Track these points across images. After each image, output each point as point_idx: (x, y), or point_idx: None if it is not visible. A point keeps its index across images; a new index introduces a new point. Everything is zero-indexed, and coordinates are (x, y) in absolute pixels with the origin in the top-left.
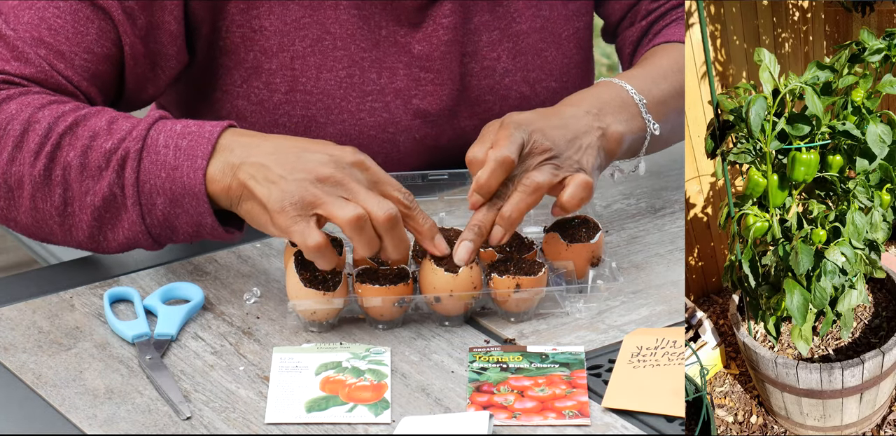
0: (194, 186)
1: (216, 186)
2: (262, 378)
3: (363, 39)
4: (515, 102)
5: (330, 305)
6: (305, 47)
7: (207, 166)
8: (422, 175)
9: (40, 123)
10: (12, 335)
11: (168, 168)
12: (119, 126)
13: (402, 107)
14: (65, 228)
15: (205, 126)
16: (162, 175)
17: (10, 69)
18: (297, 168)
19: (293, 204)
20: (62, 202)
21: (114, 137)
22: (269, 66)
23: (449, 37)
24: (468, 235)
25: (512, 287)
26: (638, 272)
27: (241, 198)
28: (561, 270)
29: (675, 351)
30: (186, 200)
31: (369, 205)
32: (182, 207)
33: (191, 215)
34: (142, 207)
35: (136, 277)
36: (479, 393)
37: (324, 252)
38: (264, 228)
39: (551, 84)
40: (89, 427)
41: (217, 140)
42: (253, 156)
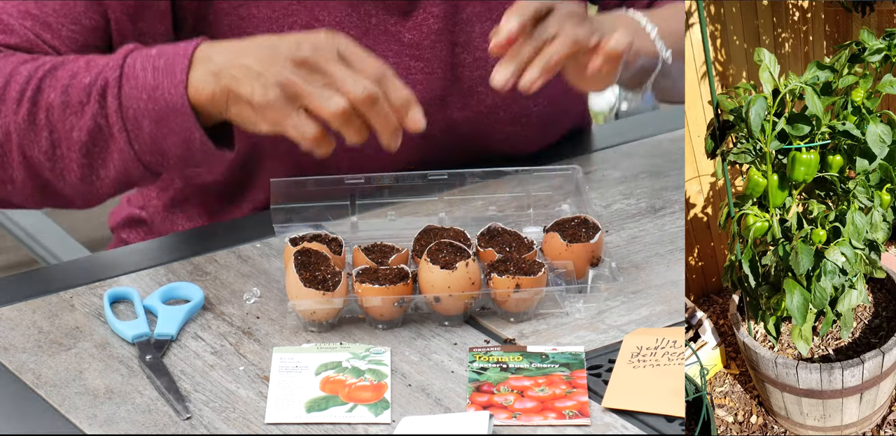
0: (177, 101)
1: (200, 97)
2: (262, 378)
3: (352, 27)
4: (508, 93)
5: (330, 305)
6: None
7: (188, 80)
8: (421, 175)
9: (21, 74)
10: (12, 335)
11: (149, 89)
12: (96, 62)
13: None
14: (56, 173)
15: (178, 45)
16: (143, 97)
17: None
18: (273, 59)
19: (277, 97)
20: (50, 145)
21: (91, 72)
22: None
23: (439, 26)
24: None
25: (512, 287)
26: (638, 272)
27: (227, 103)
28: (561, 270)
29: (675, 351)
30: (172, 118)
31: (348, 85)
32: (168, 126)
33: (178, 133)
34: (128, 133)
35: (136, 277)
36: (479, 393)
37: (321, 141)
38: (257, 127)
39: None
40: (89, 427)
41: (193, 54)
42: (231, 59)
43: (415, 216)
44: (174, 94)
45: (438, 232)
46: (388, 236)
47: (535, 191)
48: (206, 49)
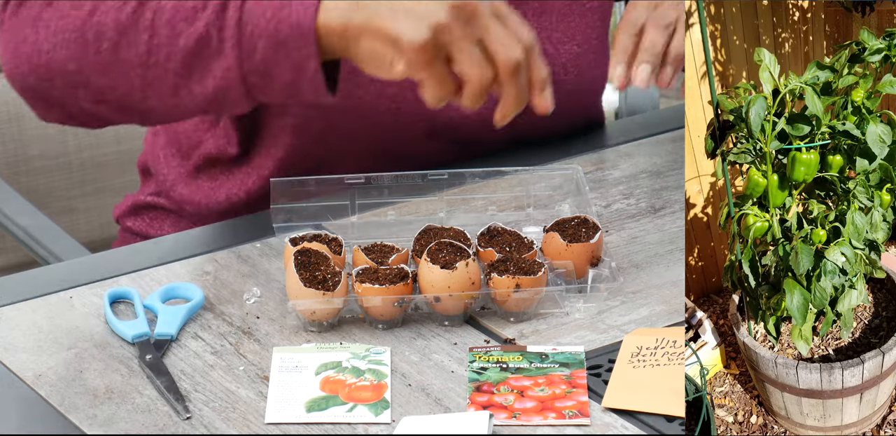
0: (304, 23)
1: (332, 24)
2: (262, 378)
3: None
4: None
5: (330, 305)
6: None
7: (319, 4)
8: (421, 175)
9: None
10: (12, 335)
11: (274, 8)
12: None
13: None
14: (146, 81)
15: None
16: (268, 15)
17: None
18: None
19: (428, 39)
20: (146, 51)
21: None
22: None
23: None
24: (645, 56)
25: (512, 287)
26: (638, 272)
27: (360, 37)
28: (561, 270)
29: (675, 351)
30: (292, 42)
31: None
32: (285, 51)
33: (293, 60)
34: (241, 51)
35: (136, 277)
36: (479, 393)
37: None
38: (385, 69)
39: (573, 48)
40: (89, 427)
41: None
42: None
43: (415, 216)
44: (303, 16)
45: (438, 232)
46: (388, 236)
47: (535, 191)
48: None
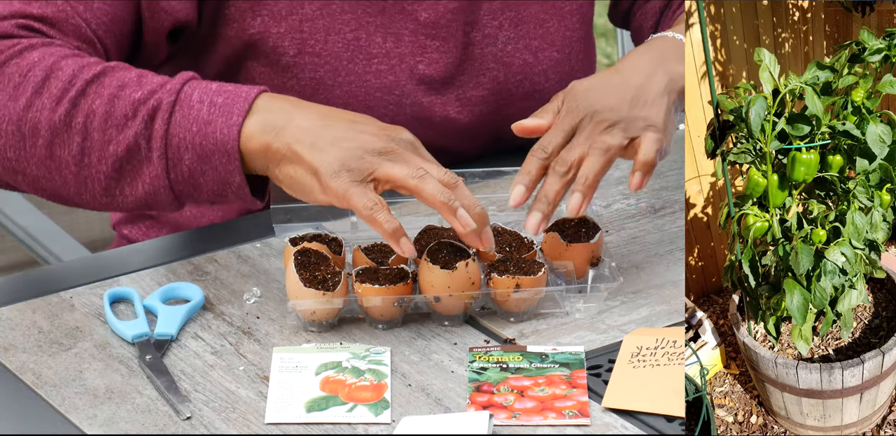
0: (227, 142)
1: (253, 144)
2: (262, 378)
3: (370, 5)
4: (519, 69)
5: (330, 305)
6: (314, 10)
7: (243, 124)
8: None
9: (63, 70)
10: (12, 335)
11: (201, 123)
12: (149, 79)
13: (406, 72)
14: (80, 178)
15: (241, 87)
16: (193, 129)
17: (32, 10)
18: (348, 138)
19: (350, 170)
20: (79, 151)
21: (144, 88)
22: (277, 30)
23: (455, 5)
24: (539, 205)
25: (512, 287)
26: (638, 272)
27: (282, 160)
28: (561, 270)
29: (675, 351)
30: (216, 157)
31: (430, 169)
32: (210, 164)
33: (219, 173)
34: (167, 161)
35: (136, 277)
36: (479, 393)
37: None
38: (307, 194)
39: (553, 54)
40: (89, 427)
41: (254, 100)
42: (297, 119)
43: (415, 216)
44: (226, 135)
45: (438, 232)
46: None
47: (535, 191)
48: (268, 100)
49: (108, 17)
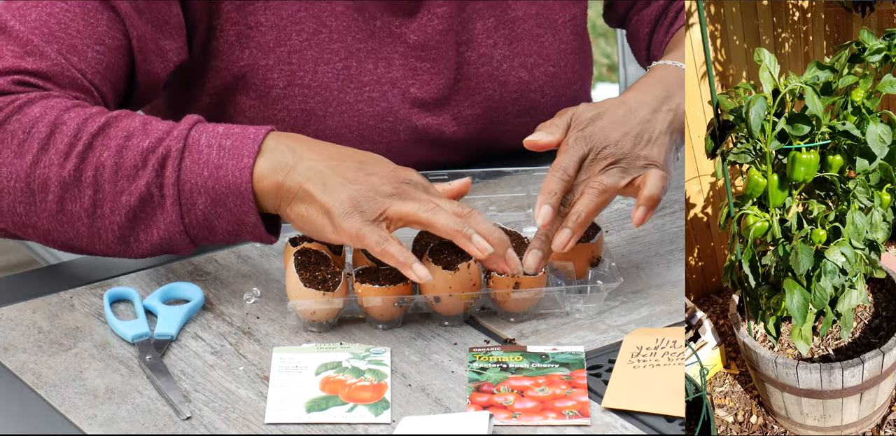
0: (240, 184)
1: (265, 184)
2: (262, 378)
3: (358, 31)
4: (515, 88)
5: (330, 305)
6: (302, 41)
7: (254, 165)
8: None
9: (68, 124)
10: (12, 335)
11: (211, 167)
12: (154, 126)
13: (399, 96)
14: (93, 230)
15: (248, 128)
16: (205, 174)
17: (27, 65)
18: (358, 180)
19: (362, 211)
20: (91, 204)
21: (151, 137)
22: (265, 62)
23: (444, 26)
24: (536, 243)
25: (511, 287)
26: (638, 272)
27: (294, 199)
28: (561, 271)
29: (675, 351)
30: (230, 200)
31: (441, 203)
32: (224, 207)
33: (233, 215)
34: (181, 207)
35: (136, 277)
36: (479, 393)
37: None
38: (318, 233)
39: (549, 69)
40: (89, 427)
41: (263, 141)
42: (307, 160)
43: None
44: (238, 177)
45: None
46: None
47: (535, 191)
48: (277, 139)
49: (103, 66)
